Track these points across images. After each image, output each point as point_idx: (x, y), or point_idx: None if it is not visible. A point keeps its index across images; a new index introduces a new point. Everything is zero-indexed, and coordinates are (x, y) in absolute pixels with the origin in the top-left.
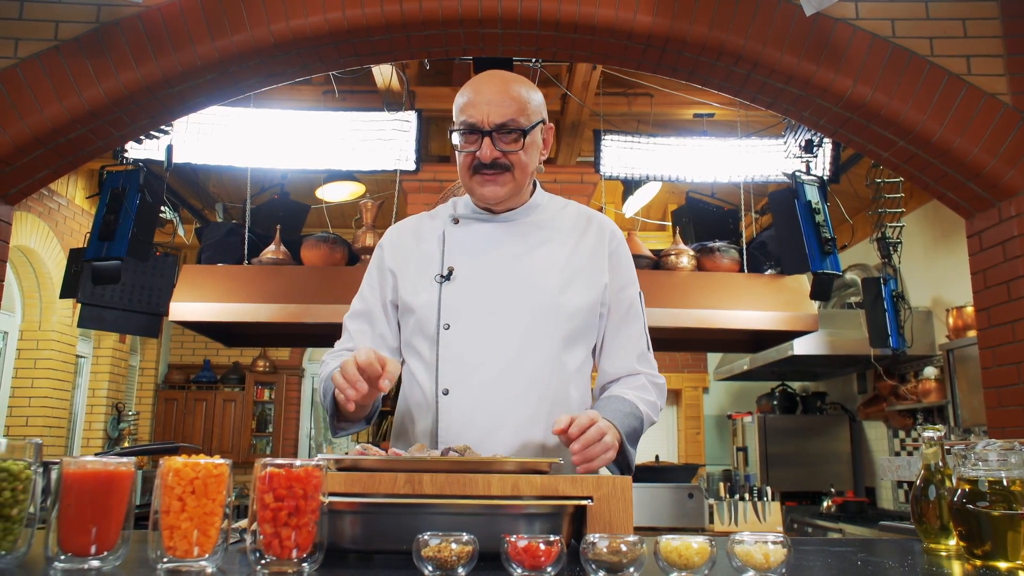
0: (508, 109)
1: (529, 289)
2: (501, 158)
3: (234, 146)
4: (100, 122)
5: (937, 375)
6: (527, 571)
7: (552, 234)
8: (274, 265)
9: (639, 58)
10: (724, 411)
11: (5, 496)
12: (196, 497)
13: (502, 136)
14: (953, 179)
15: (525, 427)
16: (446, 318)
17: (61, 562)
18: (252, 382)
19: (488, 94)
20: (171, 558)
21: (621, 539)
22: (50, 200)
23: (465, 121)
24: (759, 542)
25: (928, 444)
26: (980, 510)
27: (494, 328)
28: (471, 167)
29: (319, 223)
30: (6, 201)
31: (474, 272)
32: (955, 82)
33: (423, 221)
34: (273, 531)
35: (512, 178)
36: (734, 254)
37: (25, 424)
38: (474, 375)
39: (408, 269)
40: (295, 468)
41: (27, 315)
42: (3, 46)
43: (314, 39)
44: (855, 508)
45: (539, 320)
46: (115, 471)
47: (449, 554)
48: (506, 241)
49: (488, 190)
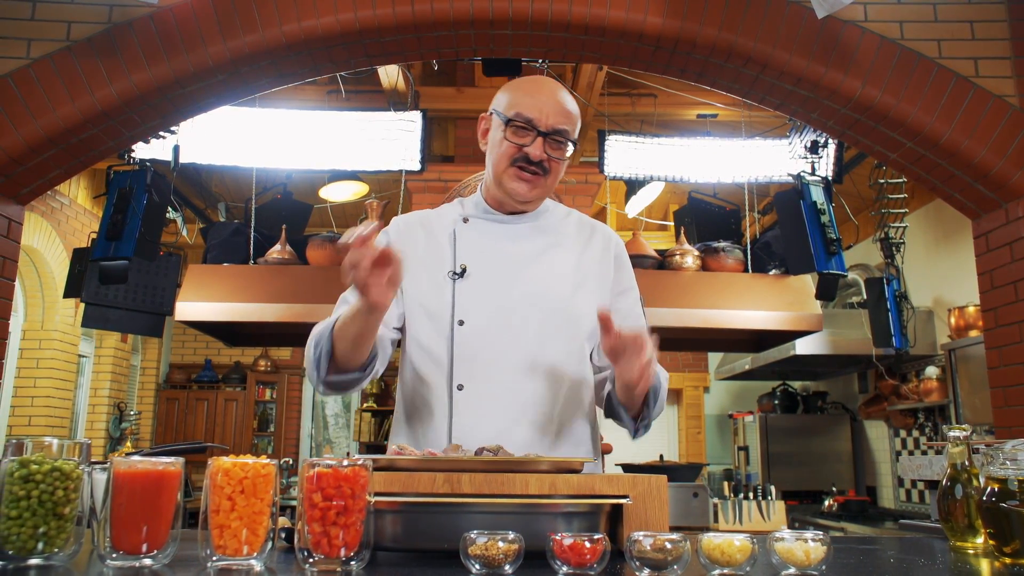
0: (566, 118)
1: (542, 290)
2: (547, 161)
3: (239, 146)
4: (111, 122)
5: (939, 375)
6: (572, 568)
7: (560, 239)
8: (280, 265)
9: (648, 60)
10: (725, 410)
11: (58, 495)
12: (245, 496)
13: (553, 141)
14: (960, 180)
15: (539, 425)
16: (460, 315)
17: (114, 560)
18: (253, 381)
19: (549, 97)
20: (221, 556)
21: (665, 537)
22: (53, 200)
23: (522, 115)
24: (799, 539)
25: (955, 443)
26: (1011, 509)
27: (508, 326)
28: (512, 158)
29: (322, 223)
30: (17, 201)
31: (487, 270)
32: (963, 84)
33: (430, 217)
34: (322, 530)
35: (545, 183)
36: (738, 254)
37: (28, 423)
38: (489, 371)
39: (416, 261)
40: (343, 468)
41: (30, 315)
42: (15, 47)
43: (325, 40)
44: (856, 507)
45: (552, 321)
46: (164, 471)
47: (496, 552)
48: (517, 242)
49: (521, 187)
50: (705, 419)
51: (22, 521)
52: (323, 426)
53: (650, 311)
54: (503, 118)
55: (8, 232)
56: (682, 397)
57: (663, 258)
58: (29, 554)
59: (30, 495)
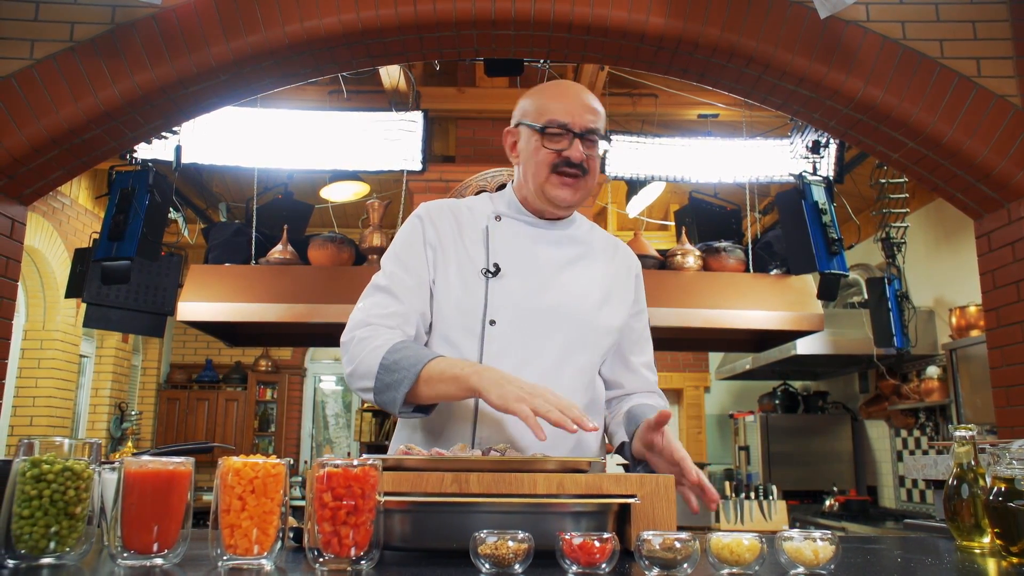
0: (595, 117)
1: (572, 299)
2: (585, 161)
3: (240, 146)
4: (114, 123)
5: (939, 374)
6: (582, 568)
7: (588, 251)
8: (282, 265)
9: (650, 60)
10: (726, 410)
11: (70, 495)
12: (256, 496)
13: (587, 141)
14: (963, 180)
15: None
16: (492, 314)
17: (125, 559)
18: (254, 381)
19: (576, 98)
20: (232, 556)
21: (675, 536)
22: (54, 200)
23: (555, 120)
24: (808, 539)
25: (961, 443)
26: (1018, 508)
27: (538, 330)
28: (552, 165)
29: (323, 223)
30: (20, 202)
31: (520, 271)
32: (965, 84)
33: (461, 208)
34: (332, 529)
35: (586, 184)
36: (740, 254)
37: (29, 423)
38: (518, 373)
39: (450, 255)
40: (353, 468)
41: (31, 315)
42: (19, 47)
43: (328, 40)
44: (857, 507)
45: (580, 330)
46: (175, 470)
47: (506, 551)
48: (549, 247)
49: (564, 192)
50: (706, 419)
51: (34, 520)
52: (323, 426)
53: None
54: (536, 127)
55: (11, 232)
56: (683, 397)
57: (664, 258)
58: (41, 553)
59: (42, 495)
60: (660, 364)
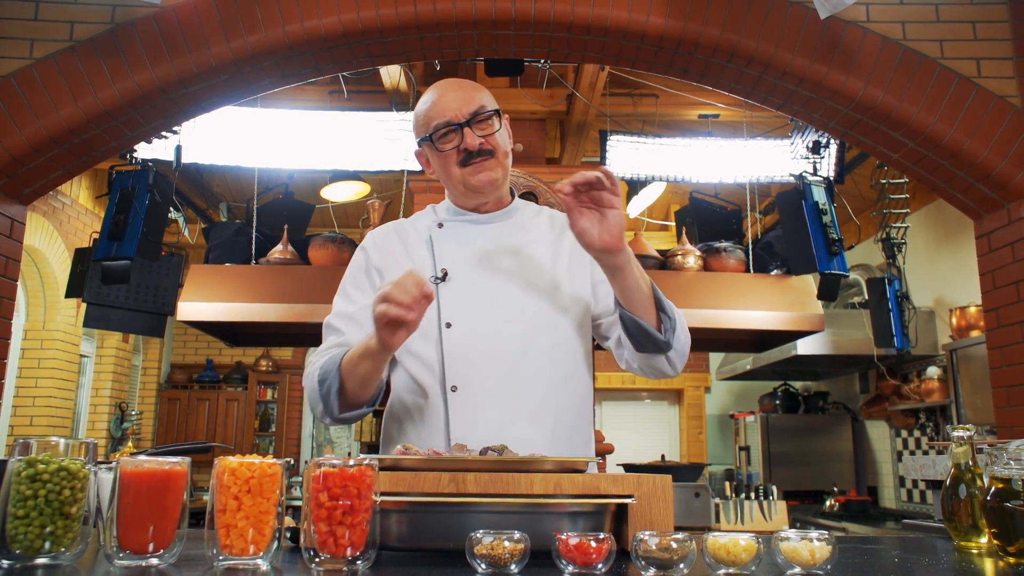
0: (473, 100)
1: (525, 285)
2: (484, 143)
3: (241, 146)
4: (114, 122)
5: (940, 375)
6: (578, 568)
7: (535, 236)
8: (282, 265)
9: (651, 60)
10: (726, 411)
11: (65, 495)
12: (252, 496)
13: (478, 124)
14: (963, 181)
15: (534, 420)
16: (447, 317)
17: (120, 559)
18: (255, 381)
19: (450, 93)
20: (227, 556)
21: (671, 536)
22: (55, 200)
23: (439, 123)
24: (805, 539)
25: (959, 443)
26: (1015, 508)
27: (495, 324)
28: (458, 160)
29: (324, 223)
30: (20, 201)
31: (468, 271)
32: (965, 84)
33: (405, 226)
34: (328, 529)
35: (498, 162)
36: (740, 254)
37: (29, 423)
38: (481, 371)
39: (396, 269)
40: (349, 468)
41: (31, 315)
42: (18, 47)
43: (328, 40)
44: (858, 507)
45: (539, 314)
46: (171, 470)
47: (503, 552)
48: (494, 242)
49: (484, 176)
50: (706, 419)
51: (29, 520)
52: (324, 426)
53: None
54: (427, 138)
55: (11, 232)
56: (683, 397)
57: (664, 258)
58: (36, 553)
59: (37, 494)
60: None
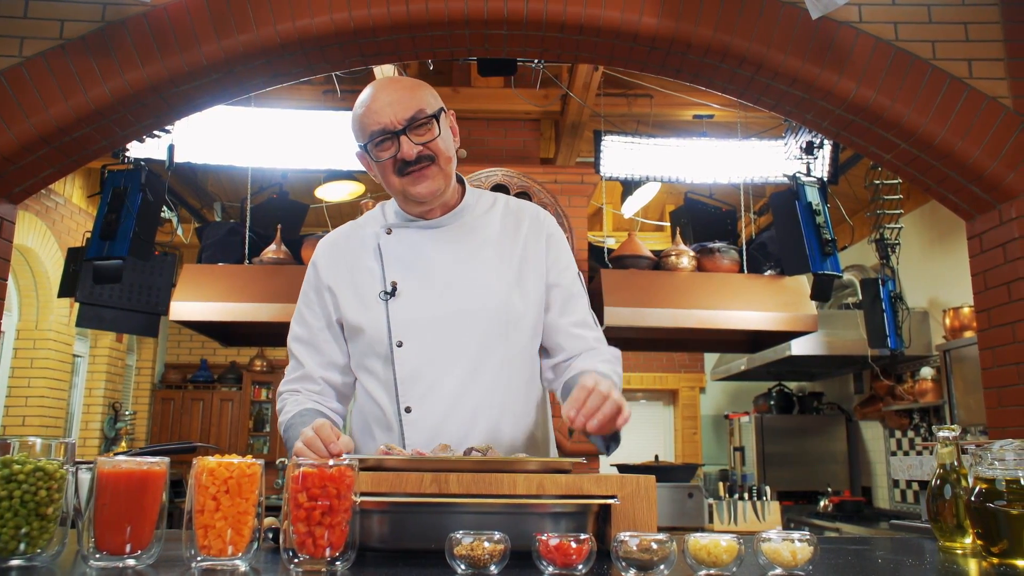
0: (410, 103)
1: (476, 296)
2: (423, 151)
3: (234, 145)
4: (105, 121)
5: (934, 375)
6: (558, 569)
7: (487, 235)
8: (275, 265)
9: (643, 60)
10: (721, 411)
11: (41, 495)
12: (230, 496)
13: (415, 130)
14: (954, 182)
15: (493, 430)
16: (397, 335)
17: (97, 560)
18: (249, 381)
19: (385, 97)
20: (205, 557)
21: (652, 537)
22: (47, 199)
23: (373, 131)
24: (786, 540)
25: (944, 444)
26: (998, 509)
27: (448, 340)
28: (395, 170)
29: (318, 222)
30: (9, 200)
31: (418, 285)
32: (957, 85)
33: (354, 231)
34: (307, 530)
35: (439, 168)
36: (734, 255)
37: (22, 424)
38: (435, 390)
39: (347, 286)
40: (329, 468)
41: (24, 314)
42: (8, 45)
43: (320, 39)
44: (852, 507)
45: (491, 325)
46: (149, 471)
47: (482, 552)
48: (444, 249)
49: (422, 187)
50: (701, 419)
51: (3, 521)
52: None
53: (645, 312)
54: (363, 147)
55: (0, 231)
56: (678, 398)
57: (659, 259)
58: (11, 555)
59: (12, 495)
60: (655, 364)
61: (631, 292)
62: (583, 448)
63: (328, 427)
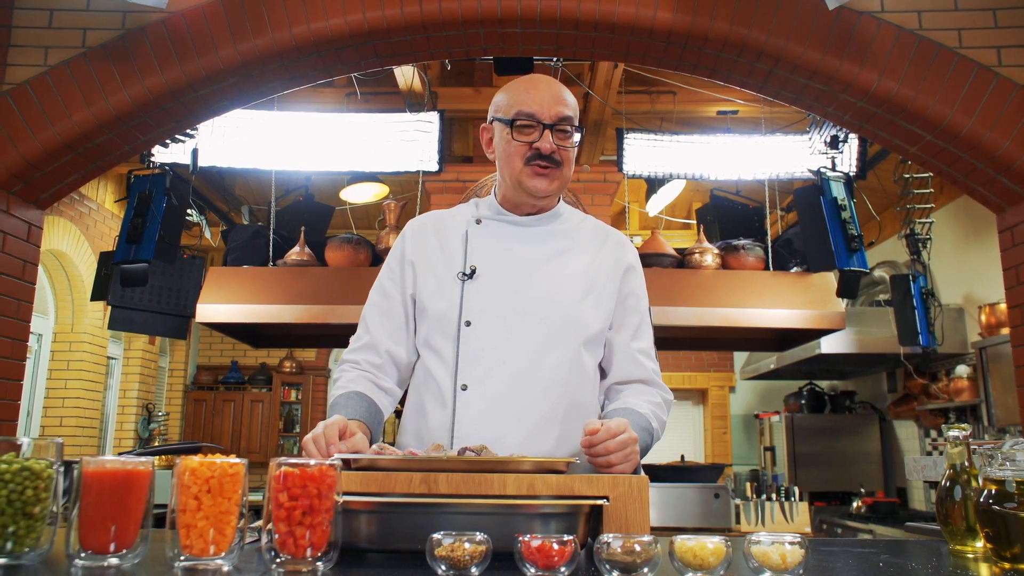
0: (566, 108)
1: (550, 294)
2: (557, 152)
3: (258, 149)
4: (126, 127)
5: (969, 373)
6: (540, 571)
7: (572, 244)
8: (299, 266)
9: (660, 55)
10: (751, 410)
11: (27, 495)
12: (212, 496)
13: (559, 132)
14: (983, 173)
15: (540, 427)
16: (467, 315)
17: (81, 559)
18: (279, 383)
19: (546, 90)
20: (188, 556)
21: (635, 539)
22: (81, 204)
23: (523, 111)
24: (776, 542)
25: (953, 443)
26: (1008, 511)
27: (514, 328)
28: (525, 157)
29: (343, 224)
30: (37, 206)
31: (497, 272)
32: (985, 74)
33: (444, 219)
34: (287, 530)
35: (561, 174)
36: (759, 252)
37: (59, 424)
38: (493, 372)
39: (428, 265)
40: (310, 468)
41: (60, 318)
42: (34, 54)
43: (335, 41)
44: (886, 509)
45: (558, 325)
46: (133, 470)
47: (462, 553)
48: (529, 245)
49: (540, 183)
50: (731, 419)
51: None
52: None
53: (668, 310)
54: (506, 120)
55: (28, 236)
56: (708, 397)
57: (682, 257)
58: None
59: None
60: (684, 364)
61: (654, 291)
62: None
63: (337, 428)
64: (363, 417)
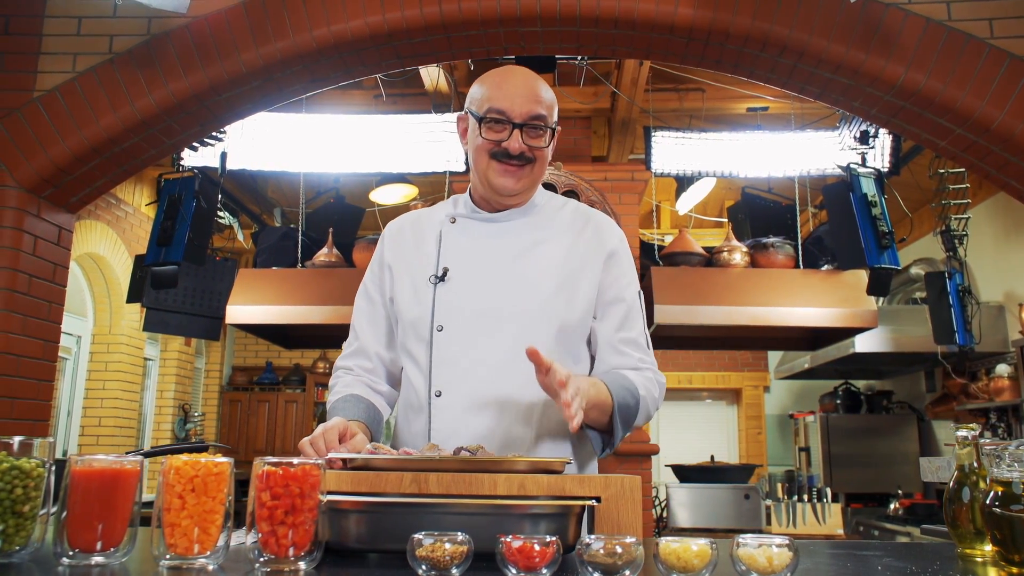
0: (539, 105)
1: (523, 291)
2: (526, 152)
3: (287, 151)
4: (152, 131)
5: (1010, 372)
6: (522, 572)
7: (548, 235)
8: (327, 267)
9: (682, 52)
10: (786, 410)
11: (17, 493)
12: (196, 495)
13: (530, 130)
14: (1016, 167)
15: (517, 426)
16: (439, 320)
17: (68, 558)
18: (312, 383)
19: (518, 87)
20: (172, 555)
21: (617, 540)
22: (117, 208)
23: (494, 108)
24: (763, 545)
25: (962, 444)
26: (1014, 514)
27: (487, 330)
28: (491, 153)
29: (374, 226)
30: (67, 210)
31: (469, 273)
32: (1018, 64)
33: (422, 218)
34: (270, 529)
35: (531, 172)
36: (789, 250)
37: (98, 424)
38: (467, 377)
39: (405, 268)
40: (292, 467)
41: (98, 320)
42: (63, 61)
43: (356, 43)
44: (924, 510)
45: (533, 323)
46: (120, 470)
47: (442, 554)
48: (502, 241)
49: (507, 181)
50: (766, 419)
51: None
52: None
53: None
54: (476, 116)
55: (59, 240)
56: (742, 397)
57: (711, 255)
58: None
59: None
60: (718, 363)
61: (682, 290)
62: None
63: (336, 431)
64: (363, 418)
